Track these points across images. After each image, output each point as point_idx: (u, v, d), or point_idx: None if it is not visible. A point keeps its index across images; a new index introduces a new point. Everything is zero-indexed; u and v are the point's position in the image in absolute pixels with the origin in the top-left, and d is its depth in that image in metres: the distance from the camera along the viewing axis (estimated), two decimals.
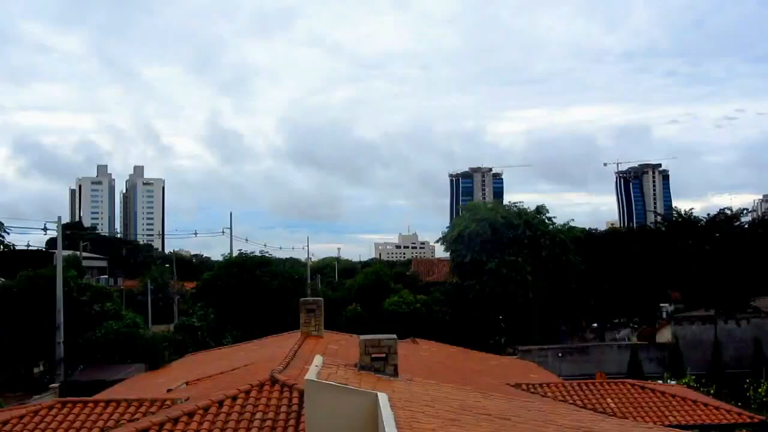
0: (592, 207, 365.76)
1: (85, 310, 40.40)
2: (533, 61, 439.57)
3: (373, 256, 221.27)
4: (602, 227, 72.15)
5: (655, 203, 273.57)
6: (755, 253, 46.82)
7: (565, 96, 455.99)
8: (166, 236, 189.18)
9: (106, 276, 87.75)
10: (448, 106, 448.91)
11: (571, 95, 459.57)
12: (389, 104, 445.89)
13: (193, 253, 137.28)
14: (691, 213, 51.48)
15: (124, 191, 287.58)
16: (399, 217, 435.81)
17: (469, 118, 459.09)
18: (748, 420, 19.53)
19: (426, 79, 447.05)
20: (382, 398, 8.51)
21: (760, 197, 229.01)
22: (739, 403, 30.67)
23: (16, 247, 69.88)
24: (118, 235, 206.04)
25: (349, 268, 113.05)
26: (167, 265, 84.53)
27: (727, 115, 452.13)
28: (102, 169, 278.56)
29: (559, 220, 49.96)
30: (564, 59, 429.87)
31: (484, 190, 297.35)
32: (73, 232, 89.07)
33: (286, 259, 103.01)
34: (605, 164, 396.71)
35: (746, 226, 52.00)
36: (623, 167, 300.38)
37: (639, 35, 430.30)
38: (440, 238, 49.48)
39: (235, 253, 57.06)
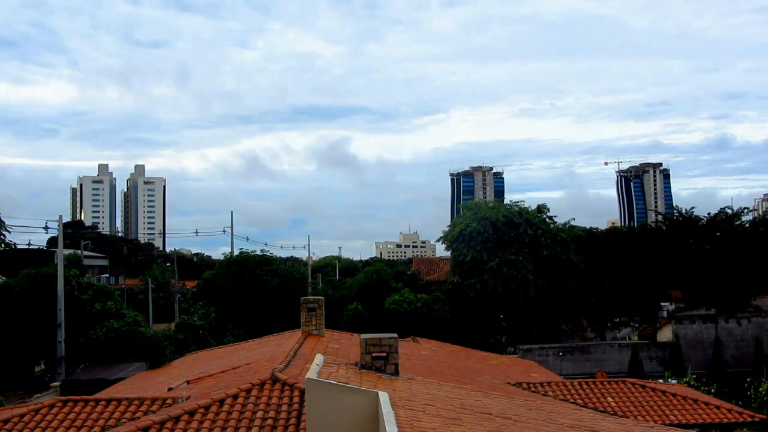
0: None
1: (86, 309, 40.44)
2: None
3: (374, 255, 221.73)
4: (603, 226, 72.02)
5: (656, 202, 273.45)
6: (756, 252, 46.83)
7: None
8: (167, 235, 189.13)
9: (107, 275, 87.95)
10: None
11: None
12: None
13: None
14: (692, 212, 51.54)
15: (125, 190, 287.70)
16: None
17: None
18: (749, 419, 19.52)
19: None
20: (383, 397, 8.51)
21: (761, 196, 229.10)
22: (740, 402, 30.72)
23: (18, 246, 69.92)
24: (119, 234, 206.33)
25: (350, 267, 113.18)
26: (168, 264, 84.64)
27: None
28: (103, 167, 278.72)
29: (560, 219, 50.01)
30: None
31: (485, 189, 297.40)
32: (74, 231, 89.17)
33: (287, 258, 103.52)
34: (606, 163, 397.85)
35: (747, 225, 52.00)
36: (624, 166, 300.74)
37: None
38: (441, 237, 49.44)
39: (236, 252, 57.07)
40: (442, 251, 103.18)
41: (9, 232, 66.42)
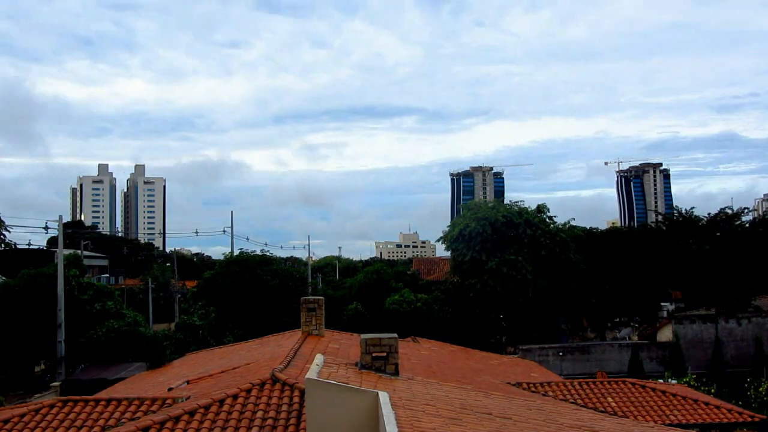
0: None
1: (86, 309, 40.45)
2: None
3: (374, 255, 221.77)
4: (603, 226, 72.06)
5: (656, 202, 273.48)
6: (756, 252, 46.87)
7: None
8: (167, 235, 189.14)
9: (107, 275, 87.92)
10: None
11: None
12: None
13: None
14: (692, 212, 51.60)
15: (125, 190, 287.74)
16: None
17: None
18: (749, 419, 19.50)
19: None
20: (383, 397, 8.51)
21: (761, 197, 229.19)
22: (740, 402, 30.71)
23: (18, 246, 69.97)
24: (119, 234, 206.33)
25: (350, 267, 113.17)
26: (168, 264, 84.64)
27: None
28: (103, 168, 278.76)
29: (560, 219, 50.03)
30: None
31: (485, 189, 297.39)
32: (74, 231, 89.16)
33: (287, 258, 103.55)
34: (606, 163, 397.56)
35: (747, 225, 52.04)
36: (624, 166, 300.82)
37: None
38: (441, 237, 49.46)
39: (236, 252, 57.09)
40: (442, 251, 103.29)
41: (9, 231, 66.54)
